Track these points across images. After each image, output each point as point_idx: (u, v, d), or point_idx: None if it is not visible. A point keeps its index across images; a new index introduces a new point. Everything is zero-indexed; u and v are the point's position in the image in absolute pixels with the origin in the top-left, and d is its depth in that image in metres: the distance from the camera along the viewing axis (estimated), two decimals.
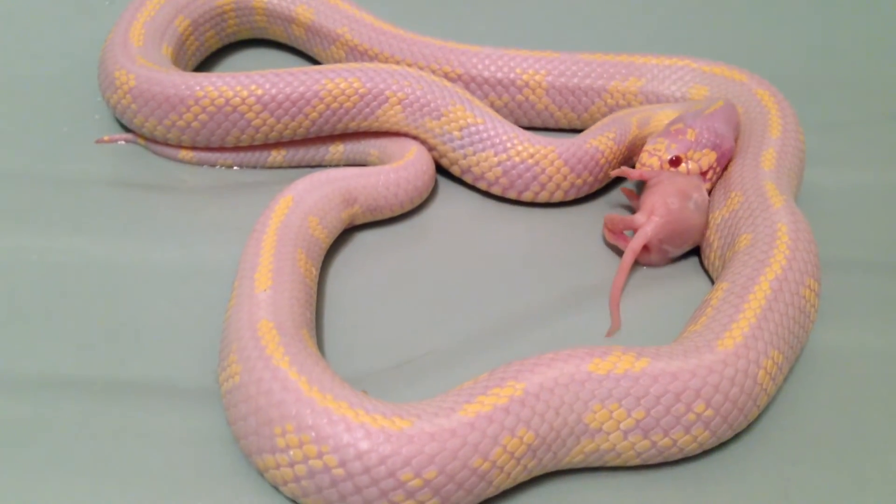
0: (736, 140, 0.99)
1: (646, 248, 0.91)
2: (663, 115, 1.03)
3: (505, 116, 1.12)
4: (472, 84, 1.09)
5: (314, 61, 1.22)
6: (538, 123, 1.13)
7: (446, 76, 1.09)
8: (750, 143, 0.98)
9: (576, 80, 1.10)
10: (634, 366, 0.70)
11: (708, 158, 0.95)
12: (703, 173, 0.95)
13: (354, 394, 0.66)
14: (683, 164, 0.94)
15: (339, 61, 1.15)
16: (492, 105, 1.11)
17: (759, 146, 0.96)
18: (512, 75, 1.09)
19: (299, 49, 1.22)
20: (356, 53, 1.13)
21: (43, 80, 1.15)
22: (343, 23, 1.14)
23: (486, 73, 1.09)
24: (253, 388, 0.67)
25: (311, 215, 0.87)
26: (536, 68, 1.09)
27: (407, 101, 0.99)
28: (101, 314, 0.84)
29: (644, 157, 0.95)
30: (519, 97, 1.10)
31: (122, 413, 0.75)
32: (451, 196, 1.02)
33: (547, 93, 1.10)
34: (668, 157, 0.94)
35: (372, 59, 1.12)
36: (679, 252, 0.93)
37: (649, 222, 0.89)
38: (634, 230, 0.90)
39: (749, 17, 1.37)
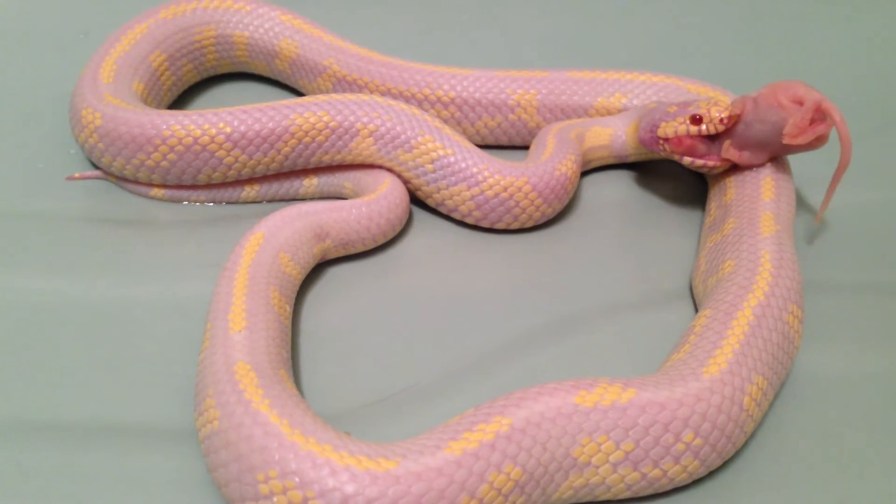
0: None
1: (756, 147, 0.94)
2: (597, 132, 1.06)
3: (498, 137, 1.13)
4: (465, 106, 1.09)
5: (298, 94, 1.21)
6: (531, 141, 1.12)
7: (439, 101, 1.09)
8: (746, 171, 0.97)
9: (564, 98, 1.11)
10: (621, 397, 0.69)
11: (718, 107, 0.94)
12: (723, 120, 0.94)
13: (338, 435, 0.65)
14: (703, 125, 0.95)
15: (327, 93, 1.14)
16: (485, 126, 1.11)
17: (756, 173, 0.96)
18: (503, 96, 1.10)
19: (283, 82, 1.22)
20: (344, 84, 1.12)
21: (18, 115, 1.14)
22: (329, 54, 1.13)
23: (477, 95, 1.09)
24: (233, 434, 0.65)
25: (282, 252, 0.86)
26: (527, 88, 1.10)
27: (378, 132, 0.98)
28: (78, 354, 0.83)
29: (668, 131, 0.96)
30: (511, 117, 1.10)
31: (101, 456, 0.74)
32: (426, 226, 1.02)
33: (538, 111, 1.11)
34: (690, 115, 0.94)
35: (361, 88, 1.11)
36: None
37: (810, 91, 0.91)
38: (811, 112, 0.90)
39: (729, 37, 1.38)
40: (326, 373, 0.83)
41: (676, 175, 1.10)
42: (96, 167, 1.04)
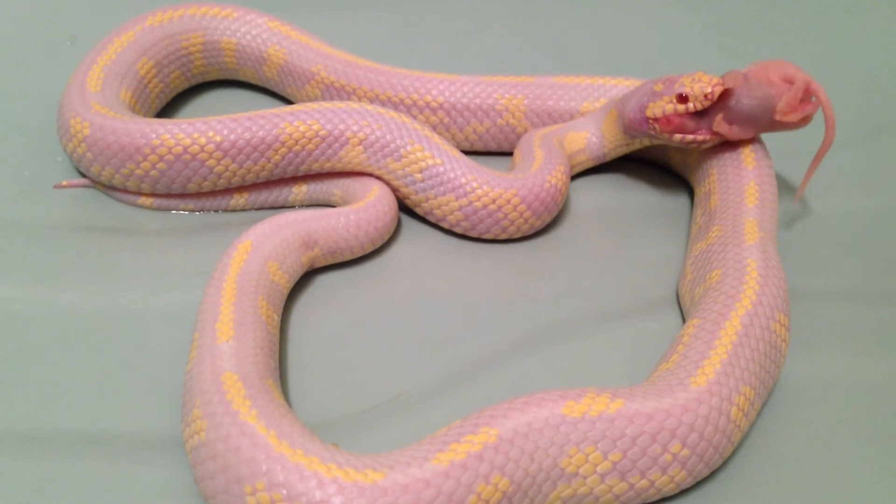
0: None
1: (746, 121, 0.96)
2: (572, 137, 1.07)
3: (487, 143, 1.13)
4: (454, 112, 1.10)
5: (286, 101, 1.21)
6: None
7: (427, 106, 1.09)
8: (729, 176, 0.98)
9: (551, 103, 1.11)
10: (609, 407, 0.69)
11: (702, 83, 0.95)
12: (708, 96, 0.95)
13: (325, 447, 0.65)
14: (690, 102, 0.95)
15: (315, 100, 1.14)
16: (474, 132, 1.12)
17: (739, 179, 0.97)
18: (490, 101, 1.10)
19: (271, 89, 1.21)
20: (332, 90, 1.12)
21: (3, 122, 1.13)
22: (317, 60, 1.13)
23: (465, 100, 1.10)
24: (220, 445, 0.65)
25: (270, 260, 0.85)
26: (514, 93, 1.11)
27: (367, 141, 0.98)
28: (65, 363, 0.83)
29: (657, 111, 0.97)
30: (500, 122, 1.11)
31: (88, 467, 0.74)
32: (414, 234, 1.01)
33: (526, 116, 1.11)
34: (677, 94, 0.95)
35: (349, 94, 1.11)
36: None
37: (799, 71, 0.93)
38: (802, 91, 0.93)
39: (717, 45, 1.38)
40: (314, 382, 0.83)
41: (663, 182, 1.10)
42: (83, 175, 1.03)
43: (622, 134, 1.03)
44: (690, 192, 1.08)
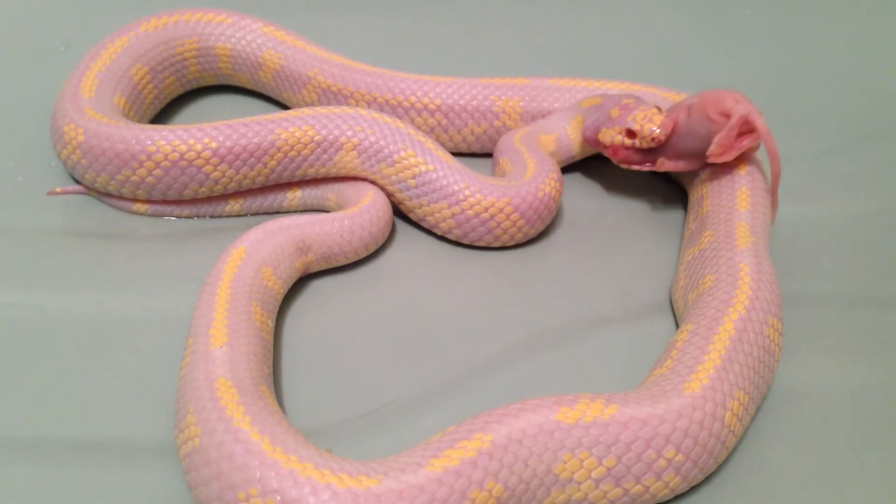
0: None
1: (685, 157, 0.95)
2: (545, 140, 1.07)
3: (484, 144, 1.14)
4: (451, 113, 1.10)
5: (281, 106, 1.21)
6: None
7: (425, 108, 1.10)
8: (721, 182, 0.98)
9: (546, 105, 1.12)
10: (603, 413, 0.69)
11: (652, 123, 0.95)
12: (655, 139, 0.96)
13: (319, 453, 0.65)
14: (637, 139, 0.97)
15: (312, 104, 1.14)
16: (471, 133, 1.12)
17: (732, 185, 0.97)
18: (487, 102, 1.11)
19: (266, 94, 1.21)
20: (329, 94, 1.12)
21: None
22: (313, 65, 1.13)
23: (462, 102, 1.10)
24: (214, 452, 0.65)
25: (264, 266, 0.85)
26: (511, 95, 1.12)
27: (361, 146, 0.98)
28: (58, 370, 0.82)
29: (606, 139, 0.99)
30: (497, 123, 1.12)
31: (81, 474, 0.73)
32: (408, 239, 1.02)
33: (522, 118, 1.12)
34: (626, 129, 0.97)
35: (346, 98, 1.11)
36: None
37: (739, 102, 0.90)
38: (736, 128, 0.90)
39: (712, 49, 1.39)
40: (308, 387, 0.83)
41: (657, 187, 1.11)
42: (77, 182, 1.03)
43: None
44: (684, 197, 1.08)
